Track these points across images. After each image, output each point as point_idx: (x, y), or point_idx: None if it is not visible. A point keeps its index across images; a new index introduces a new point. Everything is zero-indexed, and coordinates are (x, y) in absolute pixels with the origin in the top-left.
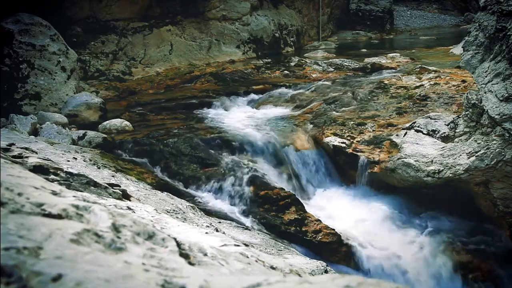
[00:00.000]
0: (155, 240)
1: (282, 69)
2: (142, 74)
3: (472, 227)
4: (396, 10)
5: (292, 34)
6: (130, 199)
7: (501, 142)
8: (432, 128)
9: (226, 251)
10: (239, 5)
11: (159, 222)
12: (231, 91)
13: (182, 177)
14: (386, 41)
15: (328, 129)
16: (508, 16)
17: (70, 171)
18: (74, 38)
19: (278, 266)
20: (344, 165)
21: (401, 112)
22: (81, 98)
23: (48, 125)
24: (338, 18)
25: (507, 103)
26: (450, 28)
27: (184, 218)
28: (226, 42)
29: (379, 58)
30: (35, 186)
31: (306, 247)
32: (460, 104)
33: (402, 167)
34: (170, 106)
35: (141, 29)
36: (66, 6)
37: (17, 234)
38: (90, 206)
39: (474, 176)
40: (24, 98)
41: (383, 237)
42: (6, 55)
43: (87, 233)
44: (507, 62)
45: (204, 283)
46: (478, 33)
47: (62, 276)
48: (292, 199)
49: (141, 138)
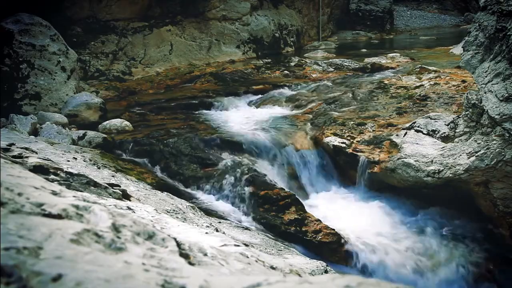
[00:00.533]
0: (155, 240)
1: (282, 69)
2: (142, 74)
3: (472, 227)
4: (396, 10)
5: (292, 34)
6: (130, 199)
7: (501, 142)
8: (432, 128)
9: (226, 251)
10: (239, 5)
11: (159, 222)
12: (231, 91)
13: (182, 177)
14: (386, 41)
15: (328, 129)
16: (508, 16)
17: (70, 171)
18: (74, 38)
19: (278, 266)
20: (344, 165)
21: (401, 112)
22: (81, 98)
23: (48, 125)
24: (338, 18)
25: (507, 103)
26: (450, 28)
27: (184, 218)
28: (226, 42)
29: (379, 58)
30: (35, 186)
31: (306, 247)
32: (460, 104)
33: (402, 167)
34: (170, 106)
35: (141, 29)
36: (66, 6)
37: (17, 234)
38: (90, 206)
39: (474, 176)
40: (24, 98)
41: (383, 237)
42: (6, 55)
43: (87, 233)
44: (507, 62)
45: (204, 283)
46: (478, 33)
47: (62, 276)
48: (292, 199)
49: (141, 138)
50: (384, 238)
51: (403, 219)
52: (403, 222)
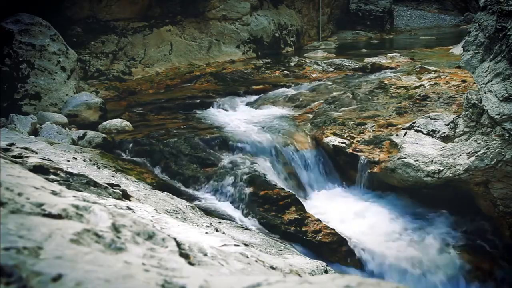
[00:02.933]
0: (155, 240)
1: (282, 69)
2: (142, 74)
3: (472, 227)
4: (396, 10)
5: (292, 34)
6: (130, 199)
7: (501, 142)
8: (432, 128)
9: (226, 251)
10: (239, 5)
11: (159, 222)
12: (231, 91)
13: (182, 177)
14: (386, 41)
15: (328, 129)
16: (508, 16)
17: (70, 171)
18: (74, 38)
19: (278, 266)
20: (344, 165)
21: (401, 112)
22: (81, 98)
23: (48, 125)
24: (338, 18)
25: (507, 103)
26: (450, 28)
27: (184, 218)
28: (226, 42)
29: (379, 58)
30: (35, 186)
31: (306, 247)
32: (460, 104)
33: (402, 167)
34: (170, 106)
35: (141, 29)
36: (66, 6)
37: (17, 234)
38: (90, 206)
39: (474, 176)
40: (24, 98)
41: (383, 237)
42: (6, 55)
43: (87, 233)
44: (507, 62)
45: (204, 283)
46: (478, 33)
47: (62, 276)
48: (292, 199)
49: (141, 138)
50: (384, 238)
51: (403, 219)
52: (403, 222)
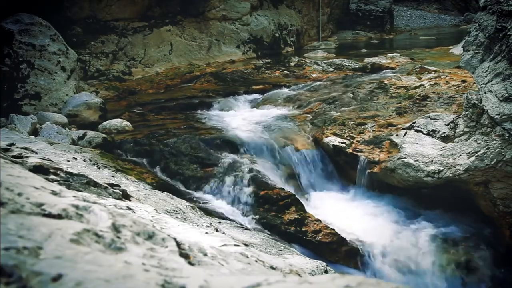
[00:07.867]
0: (155, 240)
1: (282, 69)
2: (142, 74)
3: (472, 227)
4: (396, 10)
5: (292, 34)
6: (130, 199)
7: (501, 142)
8: (432, 128)
9: (226, 251)
10: (239, 5)
11: (159, 222)
12: (231, 91)
13: (182, 177)
14: (386, 41)
15: (328, 129)
16: (508, 16)
17: (70, 171)
18: (74, 38)
19: (278, 266)
20: (344, 165)
21: (401, 112)
22: (81, 98)
23: (48, 125)
24: (338, 18)
25: (507, 103)
26: (450, 28)
27: (184, 218)
28: (226, 42)
29: (379, 58)
30: (35, 186)
31: (306, 247)
32: (460, 104)
33: (402, 167)
34: (170, 106)
35: (141, 29)
36: (66, 6)
37: (17, 234)
38: (90, 206)
39: (474, 176)
40: (24, 98)
41: (383, 237)
42: (6, 55)
43: (87, 233)
44: (507, 62)
45: (204, 283)
46: (478, 33)
47: (62, 276)
48: (292, 199)
49: (141, 138)
50: (384, 238)
51: (403, 219)
52: (403, 222)
